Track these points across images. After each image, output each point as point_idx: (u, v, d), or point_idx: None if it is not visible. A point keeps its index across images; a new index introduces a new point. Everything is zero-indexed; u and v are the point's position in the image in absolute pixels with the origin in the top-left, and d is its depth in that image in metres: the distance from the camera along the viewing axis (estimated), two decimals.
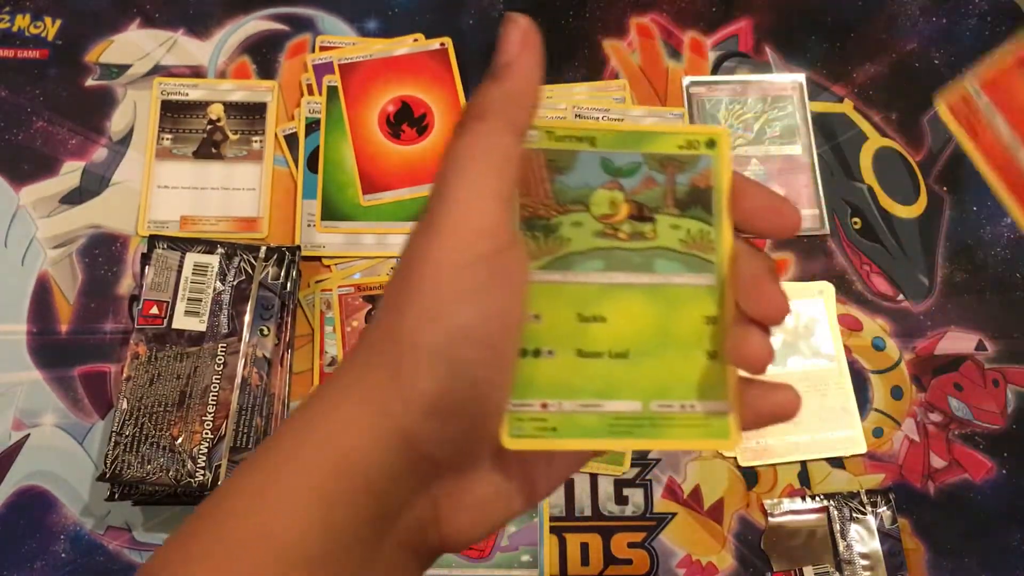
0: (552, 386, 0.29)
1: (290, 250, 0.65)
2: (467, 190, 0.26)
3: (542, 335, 0.29)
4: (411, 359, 0.26)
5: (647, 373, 0.30)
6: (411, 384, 0.26)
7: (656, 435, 0.29)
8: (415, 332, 0.26)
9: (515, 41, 0.28)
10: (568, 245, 0.30)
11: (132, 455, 0.57)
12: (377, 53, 0.73)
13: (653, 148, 0.31)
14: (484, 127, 0.27)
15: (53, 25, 0.73)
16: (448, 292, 0.26)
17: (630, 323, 0.30)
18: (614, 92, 0.74)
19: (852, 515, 0.63)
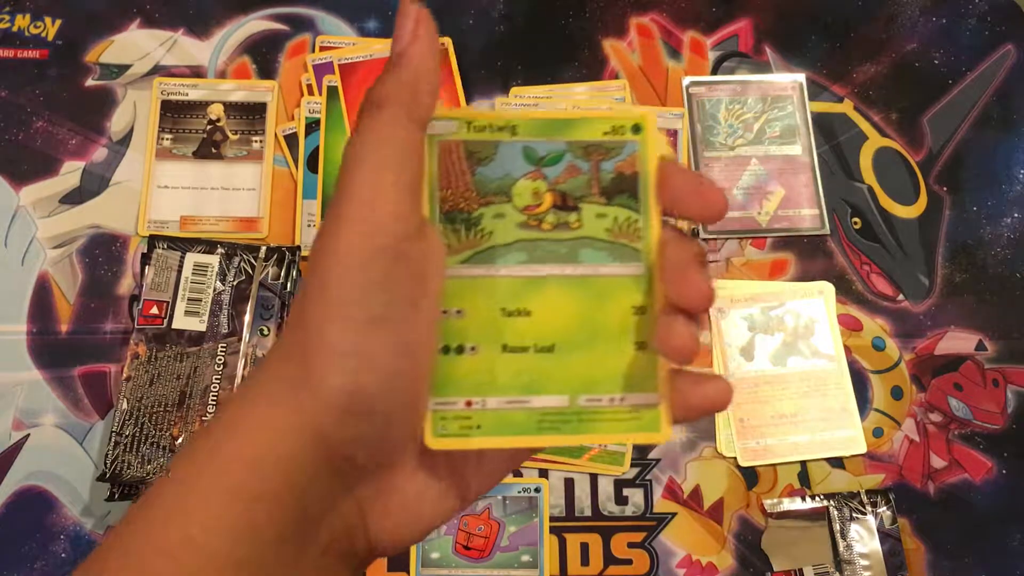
0: (476, 383, 0.29)
1: (290, 250, 0.65)
2: (367, 182, 0.26)
3: (465, 331, 0.29)
4: (320, 355, 0.25)
5: (574, 367, 0.29)
6: (321, 380, 0.25)
7: (584, 430, 0.29)
8: (322, 327, 0.26)
9: (408, 29, 0.28)
10: (490, 238, 0.29)
11: (132, 455, 0.57)
12: (377, 53, 0.73)
13: (577, 135, 0.30)
14: (381, 116, 0.27)
15: (53, 25, 0.73)
16: (353, 285, 0.25)
17: (556, 316, 0.29)
18: (614, 92, 0.74)
19: (852, 515, 0.63)
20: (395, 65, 0.28)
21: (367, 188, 0.26)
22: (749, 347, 0.67)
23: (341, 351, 0.25)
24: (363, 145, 0.27)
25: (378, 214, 0.26)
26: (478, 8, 0.76)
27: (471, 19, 0.75)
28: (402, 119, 0.27)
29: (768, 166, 0.72)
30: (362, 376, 0.25)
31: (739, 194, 0.72)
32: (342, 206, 0.26)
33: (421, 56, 0.28)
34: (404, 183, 0.27)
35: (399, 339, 0.26)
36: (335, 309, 0.26)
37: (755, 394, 0.66)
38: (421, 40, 0.28)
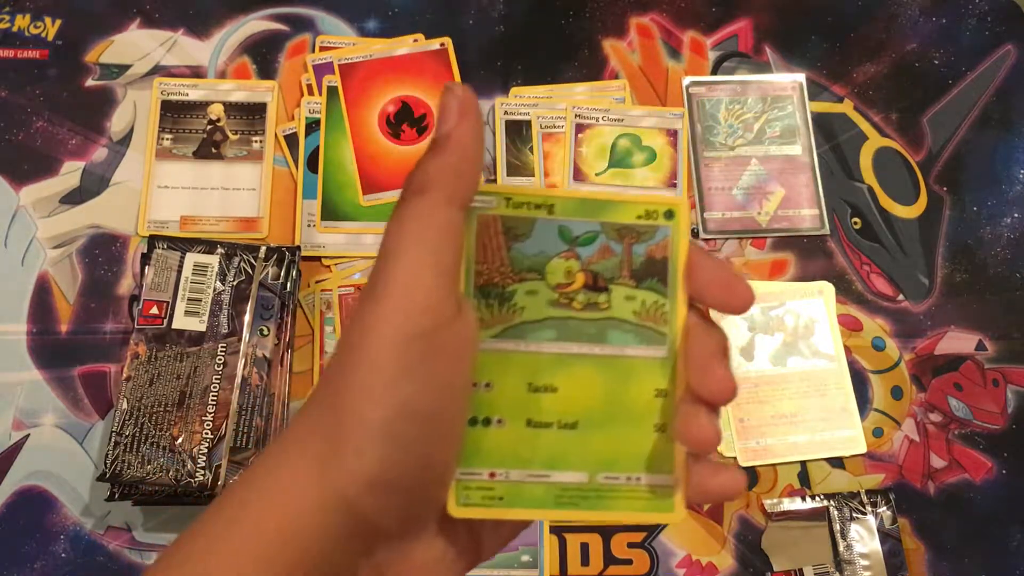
0: (500, 455, 0.29)
1: (290, 250, 0.65)
2: (407, 265, 0.27)
3: (493, 403, 0.30)
4: (354, 433, 0.26)
5: (595, 445, 0.30)
6: (354, 458, 0.26)
7: (601, 507, 0.30)
8: (357, 407, 0.26)
9: (453, 111, 0.28)
10: (522, 314, 0.30)
11: (132, 455, 0.57)
12: (377, 53, 0.73)
13: (611, 217, 0.31)
14: (424, 201, 0.27)
15: (53, 25, 0.73)
16: (390, 368, 0.26)
17: (581, 394, 0.30)
18: (614, 92, 0.74)
19: (852, 515, 0.63)
20: (440, 148, 0.28)
21: (407, 274, 0.26)
22: (749, 347, 0.67)
23: (374, 433, 0.26)
24: (404, 230, 0.27)
25: (416, 301, 0.26)
26: (478, 8, 0.76)
27: (471, 19, 0.75)
28: (444, 204, 0.27)
29: (768, 166, 0.72)
30: (394, 456, 0.26)
31: (739, 194, 0.72)
32: (380, 290, 0.26)
33: (466, 139, 0.28)
34: (443, 268, 0.27)
35: (432, 421, 0.27)
36: (369, 392, 0.26)
37: (755, 394, 0.66)
38: (467, 122, 0.28)
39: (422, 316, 0.26)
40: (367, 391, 0.26)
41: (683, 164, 0.71)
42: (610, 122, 0.72)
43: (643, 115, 0.73)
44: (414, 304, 0.26)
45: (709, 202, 0.71)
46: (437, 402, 0.27)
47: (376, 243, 0.68)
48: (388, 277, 0.27)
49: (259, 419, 0.60)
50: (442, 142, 0.28)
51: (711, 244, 0.70)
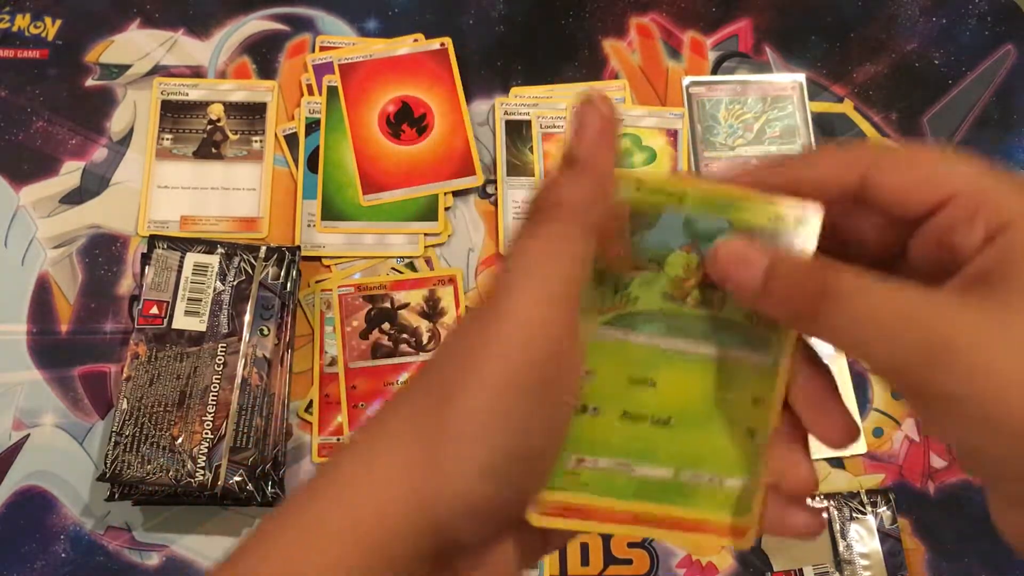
0: (591, 443, 0.29)
1: (290, 250, 0.65)
2: (531, 297, 0.25)
3: (592, 392, 0.29)
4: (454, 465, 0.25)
5: (685, 443, 0.30)
6: (452, 487, 0.25)
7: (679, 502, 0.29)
8: (461, 440, 0.25)
9: (593, 129, 0.26)
10: (635, 304, 0.29)
11: (132, 455, 0.57)
12: (377, 53, 0.73)
13: (742, 215, 0.29)
14: (556, 227, 0.26)
15: (53, 25, 0.73)
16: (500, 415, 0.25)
17: (679, 392, 0.30)
18: (614, 92, 0.74)
19: (852, 515, 0.63)
20: (576, 171, 0.26)
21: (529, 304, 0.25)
22: None
23: (476, 470, 0.25)
24: (530, 256, 0.26)
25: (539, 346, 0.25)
26: (478, 8, 0.76)
27: (471, 19, 0.75)
28: (574, 233, 0.26)
29: None
30: (494, 490, 0.25)
31: None
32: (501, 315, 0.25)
33: (605, 163, 0.26)
34: (568, 299, 0.26)
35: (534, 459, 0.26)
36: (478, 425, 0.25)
37: None
38: (606, 144, 0.26)
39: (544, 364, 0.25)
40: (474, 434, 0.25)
41: (683, 164, 0.71)
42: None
43: (643, 115, 0.73)
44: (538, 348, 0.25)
45: None
46: (543, 440, 0.26)
47: (376, 244, 0.68)
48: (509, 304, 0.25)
49: (259, 419, 0.60)
50: (582, 167, 0.26)
51: None
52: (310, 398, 0.64)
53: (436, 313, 0.66)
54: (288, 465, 0.62)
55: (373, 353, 0.65)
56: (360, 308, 0.66)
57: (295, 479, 0.62)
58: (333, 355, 0.65)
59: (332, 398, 0.64)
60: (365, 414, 0.64)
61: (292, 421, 0.63)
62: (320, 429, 0.63)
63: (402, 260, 0.68)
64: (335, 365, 0.65)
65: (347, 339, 0.65)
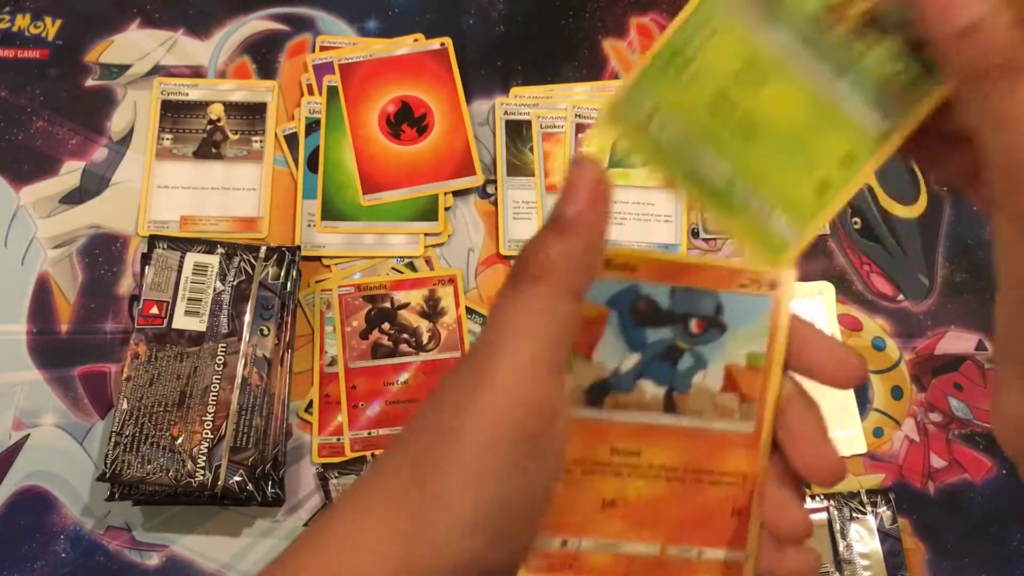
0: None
1: (290, 250, 0.65)
2: (518, 359, 0.25)
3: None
4: (443, 523, 0.25)
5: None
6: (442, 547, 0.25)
7: None
8: (448, 497, 0.25)
9: (583, 190, 0.26)
10: None
11: (132, 455, 0.57)
12: (377, 53, 0.73)
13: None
14: (542, 290, 0.25)
15: (53, 25, 0.73)
16: (488, 465, 0.25)
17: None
18: None
19: (852, 515, 0.63)
20: (565, 232, 0.26)
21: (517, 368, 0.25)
22: None
23: (465, 527, 0.25)
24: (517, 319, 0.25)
25: (525, 397, 0.25)
26: (478, 8, 0.76)
27: (471, 19, 0.75)
28: (563, 295, 0.25)
29: None
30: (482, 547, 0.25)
31: None
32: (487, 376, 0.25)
33: (595, 225, 0.26)
34: (556, 364, 0.26)
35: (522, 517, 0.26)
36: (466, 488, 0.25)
37: None
38: (597, 206, 0.26)
39: (529, 420, 0.25)
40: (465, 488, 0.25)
41: None
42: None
43: None
44: (521, 403, 0.25)
45: None
46: (535, 495, 0.26)
47: (376, 244, 0.68)
48: (497, 366, 0.25)
49: (259, 419, 0.60)
50: (569, 226, 0.25)
51: (712, 244, 0.70)
52: (310, 398, 0.64)
53: (436, 313, 0.66)
54: (288, 465, 0.62)
55: (373, 353, 0.65)
56: (360, 308, 0.66)
57: (295, 479, 0.62)
58: (333, 355, 0.65)
59: (332, 398, 0.64)
60: (365, 414, 0.64)
61: (292, 421, 0.63)
62: (320, 429, 0.63)
63: (402, 260, 0.68)
64: (335, 365, 0.65)
65: (347, 339, 0.65)
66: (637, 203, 0.70)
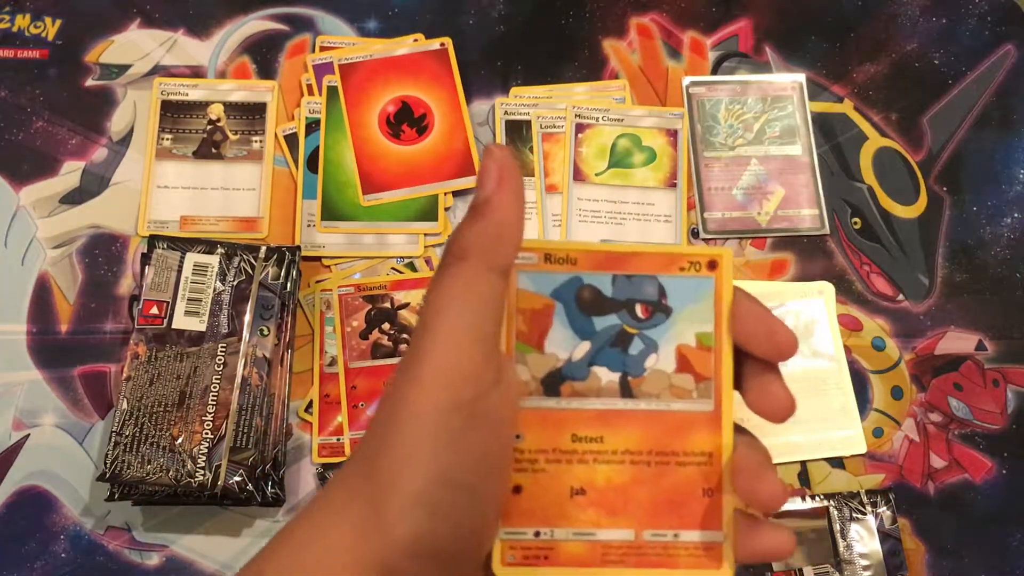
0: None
1: (290, 250, 0.65)
2: (446, 334, 0.27)
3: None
4: (393, 502, 0.26)
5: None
6: (391, 526, 0.26)
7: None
8: (393, 475, 0.26)
9: (492, 175, 0.28)
10: None
11: (132, 455, 0.57)
12: (377, 53, 0.73)
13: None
14: (463, 268, 0.27)
15: (53, 25, 0.73)
16: (427, 438, 0.26)
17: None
18: (614, 92, 0.74)
19: (852, 515, 0.63)
20: (479, 214, 0.28)
21: (446, 343, 0.26)
22: None
23: (413, 502, 0.26)
24: (444, 297, 0.27)
25: (456, 368, 0.26)
26: (478, 8, 0.76)
27: (471, 19, 0.75)
28: (484, 271, 0.27)
29: (768, 166, 0.72)
30: (434, 524, 0.26)
31: (739, 194, 0.72)
32: (419, 358, 0.26)
33: (506, 205, 0.28)
34: (483, 335, 0.27)
35: (472, 489, 0.27)
36: (407, 462, 0.26)
37: None
38: (505, 187, 0.28)
39: (462, 386, 0.26)
40: (405, 461, 0.26)
41: (683, 164, 0.71)
42: (610, 122, 0.72)
43: (643, 115, 0.73)
44: (453, 374, 0.26)
45: (709, 202, 0.71)
46: (477, 470, 0.27)
47: (376, 244, 0.68)
48: (427, 345, 0.26)
49: (259, 419, 0.60)
50: (481, 207, 0.28)
51: (711, 244, 0.70)
52: (310, 398, 0.64)
53: None
54: (288, 465, 0.62)
55: (373, 353, 0.65)
56: (360, 308, 0.66)
57: (295, 479, 0.62)
58: (333, 355, 0.65)
59: (332, 398, 0.64)
60: (365, 414, 0.64)
61: (292, 421, 0.63)
62: (320, 429, 0.63)
63: (402, 260, 0.68)
64: (335, 365, 0.65)
65: (347, 339, 0.65)
66: (637, 203, 0.70)
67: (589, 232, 0.69)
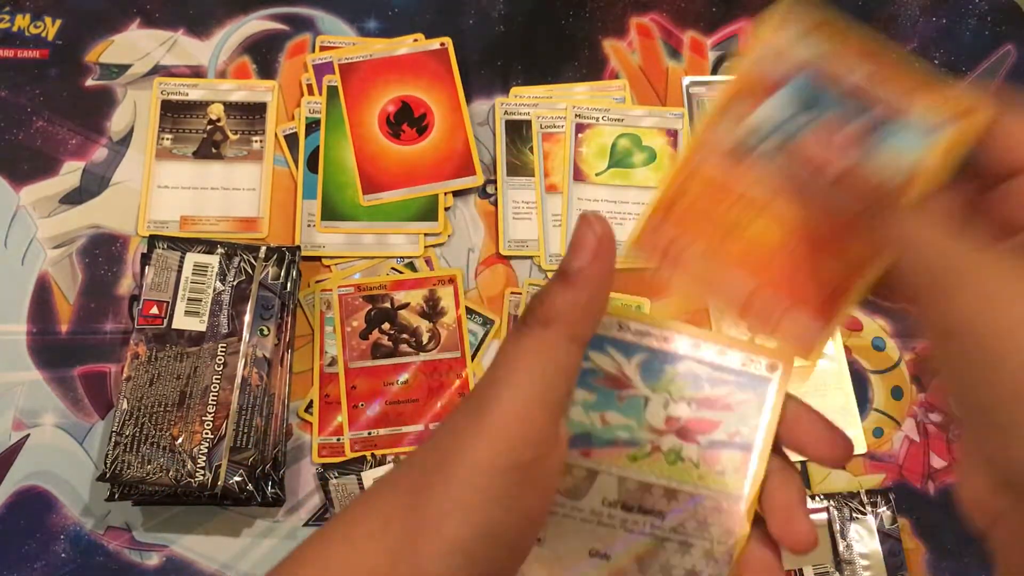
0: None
1: (290, 250, 0.65)
2: (517, 396, 0.27)
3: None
4: (430, 542, 0.26)
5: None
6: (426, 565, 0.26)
7: None
8: (439, 519, 0.26)
9: (590, 246, 0.28)
10: None
11: (132, 455, 0.57)
12: (377, 53, 0.73)
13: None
14: (546, 335, 0.27)
15: (53, 25, 0.73)
16: (480, 492, 0.26)
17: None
18: (614, 92, 0.74)
19: (852, 515, 0.63)
20: (570, 283, 0.28)
21: (517, 404, 0.27)
22: None
23: (452, 547, 0.26)
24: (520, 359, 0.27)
25: (521, 432, 0.27)
26: (478, 8, 0.76)
27: (471, 19, 0.75)
28: (565, 340, 0.27)
29: None
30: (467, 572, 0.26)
31: None
32: (487, 412, 0.27)
33: (599, 278, 0.28)
34: (554, 404, 0.27)
35: (509, 545, 0.27)
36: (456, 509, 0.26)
37: None
38: (602, 260, 0.28)
39: (523, 449, 0.26)
40: (453, 508, 0.26)
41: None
42: (610, 122, 0.72)
43: (643, 115, 0.73)
44: (517, 437, 0.26)
45: None
46: (520, 527, 0.27)
47: (376, 244, 0.68)
48: (497, 402, 0.27)
49: (259, 419, 0.60)
50: (574, 277, 0.28)
51: None
52: (310, 398, 0.64)
53: (436, 313, 0.66)
54: (288, 465, 0.62)
55: (373, 353, 0.65)
56: (360, 308, 0.66)
57: (295, 479, 0.62)
58: (333, 355, 0.65)
59: (332, 398, 0.64)
60: (365, 414, 0.64)
61: (292, 421, 0.63)
62: (320, 429, 0.63)
63: (402, 260, 0.68)
64: (335, 365, 0.65)
65: (347, 339, 0.65)
66: (637, 203, 0.70)
67: None
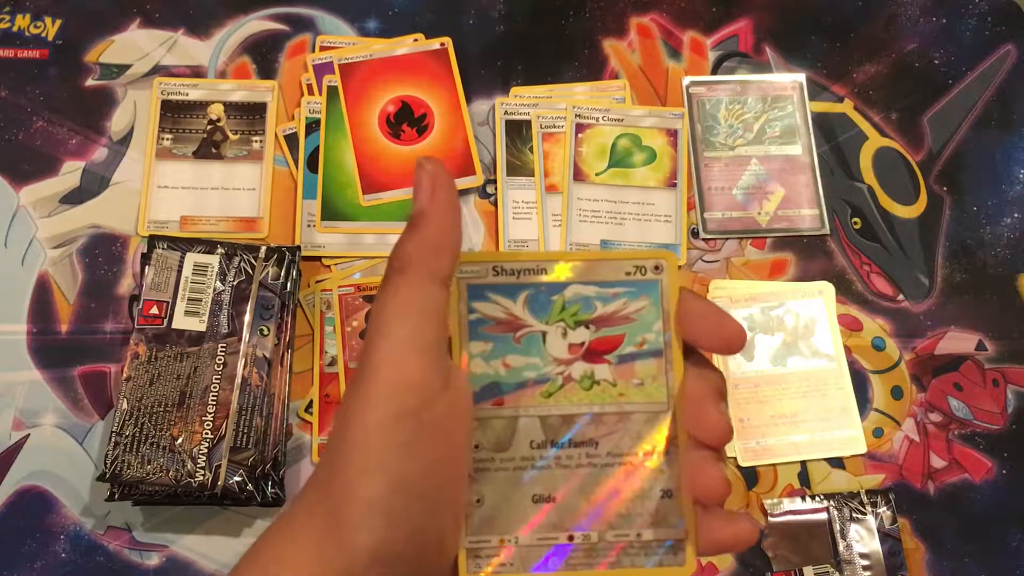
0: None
1: (290, 250, 0.65)
2: (389, 345, 0.27)
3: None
4: (348, 512, 0.26)
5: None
6: (351, 536, 0.26)
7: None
8: (349, 487, 0.26)
9: (425, 186, 0.28)
10: None
11: (132, 455, 0.57)
12: (377, 53, 0.73)
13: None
14: (403, 280, 0.28)
15: (53, 25, 0.73)
16: (377, 447, 0.26)
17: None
18: (614, 92, 0.74)
19: (852, 515, 0.63)
20: (415, 225, 0.28)
21: (389, 354, 0.27)
22: (749, 347, 0.67)
23: (370, 510, 0.26)
24: (385, 310, 0.28)
25: (400, 378, 0.27)
26: (478, 8, 0.76)
27: (471, 19, 0.75)
28: (424, 281, 0.28)
29: (768, 166, 0.72)
30: (393, 531, 0.26)
31: (739, 194, 0.72)
32: (366, 372, 0.27)
33: (440, 214, 0.28)
34: (426, 344, 0.27)
35: (426, 496, 0.27)
36: (361, 471, 0.26)
37: (755, 394, 0.66)
38: (439, 197, 0.28)
39: (407, 395, 0.27)
40: (359, 471, 0.26)
41: (683, 164, 0.71)
42: (610, 122, 0.72)
43: (643, 115, 0.73)
44: (398, 384, 0.27)
45: (709, 202, 0.71)
46: (432, 477, 0.27)
47: (376, 244, 0.68)
48: (372, 358, 0.27)
49: (259, 419, 0.60)
50: (417, 219, 0.28)
51: (711, 244, 0.70)
52: (310, 398, 0.64)
53: None
54: (288, 465, 0.62)
55: None
56: (360, 308, 0.66)
57: (295, 479, 0.62)
58: (333, 355, 0.65)
59: (332, 398, 0.64)
60: None
61: (292, 421, 0.63)
62: (320, 429, 0.64)
63: None
64: (335, 365, 0.65)
65: (347, 339, 0.65)
66: (637, 203, 0.70)
67: (589, 232, 0.69)
